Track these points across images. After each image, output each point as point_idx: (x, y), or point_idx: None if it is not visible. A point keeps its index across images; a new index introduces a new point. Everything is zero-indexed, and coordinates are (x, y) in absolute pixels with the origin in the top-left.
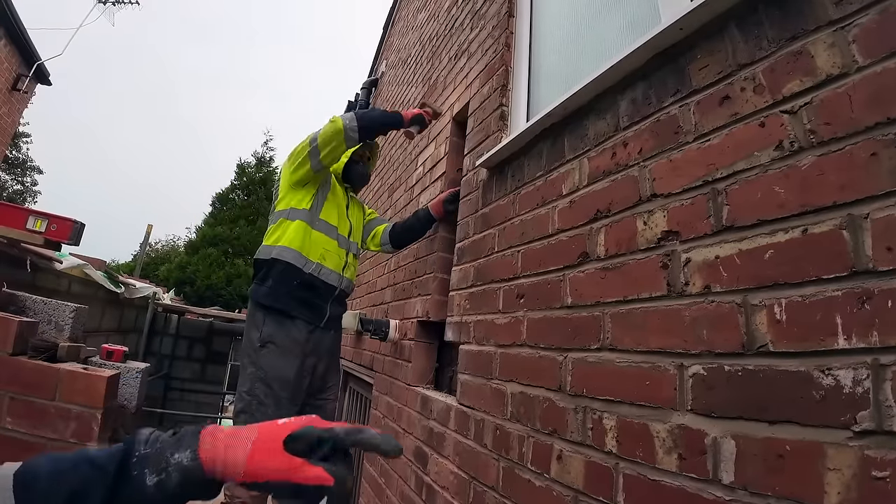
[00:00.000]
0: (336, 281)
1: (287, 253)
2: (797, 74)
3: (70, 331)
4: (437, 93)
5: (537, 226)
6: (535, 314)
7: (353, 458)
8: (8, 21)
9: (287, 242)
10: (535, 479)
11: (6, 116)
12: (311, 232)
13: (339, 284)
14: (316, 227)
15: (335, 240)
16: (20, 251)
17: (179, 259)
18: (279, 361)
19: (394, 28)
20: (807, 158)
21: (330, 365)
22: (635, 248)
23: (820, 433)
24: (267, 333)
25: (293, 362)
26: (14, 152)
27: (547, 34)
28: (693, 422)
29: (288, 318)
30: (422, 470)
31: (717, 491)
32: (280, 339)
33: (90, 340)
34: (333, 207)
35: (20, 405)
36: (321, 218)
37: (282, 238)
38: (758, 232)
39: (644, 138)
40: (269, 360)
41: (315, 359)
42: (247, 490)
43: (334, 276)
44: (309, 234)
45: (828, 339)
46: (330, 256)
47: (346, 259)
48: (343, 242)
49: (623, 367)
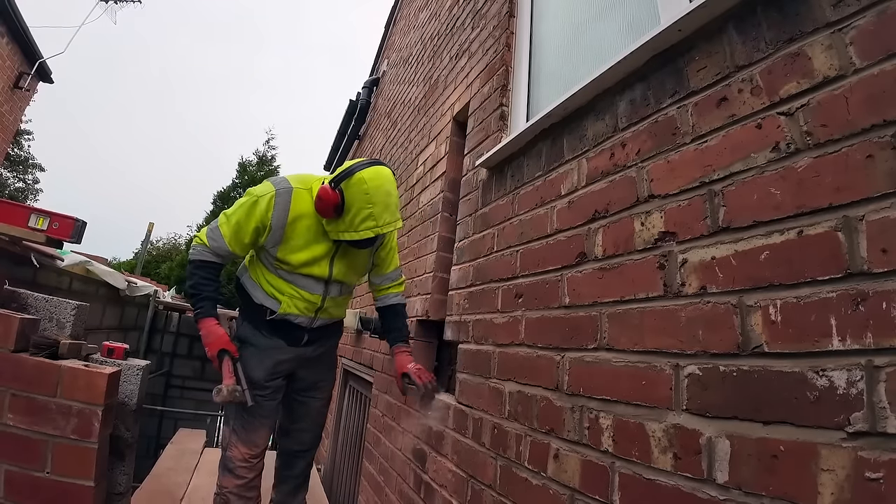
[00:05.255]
0: (306, 323)
1: (252, 288)
2: (794, 76)
3: (71, 328)
4: (437, 92)
5: (536, 226)
6: (534, 314)
7: (354, 457)
8: (10, 19)
9: (252, 276)
10: (532, 477)
11: (8, 114)
12: (271, 276)
13: (311, 325)
14: (275, 274)
15: (304, 288)
16: (22, 249)
17: (181, 257)
18: (250, 362)
19: (395, 27)
20: (803, 160)
21: (316, 369)
22: (632, 249)
23: (814, 434)
24: (243, 334)
25: (264, 365)
26: (16, 150)
27: (547, 34)
28: (688, 421)
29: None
30: (420, 468)
31: (712, 490)
32: (256, 341)
33: (91, 338)
34: (302, 259)
35: (21, 402)
36: (278, 267)
37: (250, 270)
38: (754, 233)
39: (642, 139)
40: (247, 360)
41: (294, 364)
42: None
43: (303, 319)
44: (269, 277)
45: (822, 340)
46: (296, 302)
47: (322, 304)
48: (317, 288)
49: (619, 367)
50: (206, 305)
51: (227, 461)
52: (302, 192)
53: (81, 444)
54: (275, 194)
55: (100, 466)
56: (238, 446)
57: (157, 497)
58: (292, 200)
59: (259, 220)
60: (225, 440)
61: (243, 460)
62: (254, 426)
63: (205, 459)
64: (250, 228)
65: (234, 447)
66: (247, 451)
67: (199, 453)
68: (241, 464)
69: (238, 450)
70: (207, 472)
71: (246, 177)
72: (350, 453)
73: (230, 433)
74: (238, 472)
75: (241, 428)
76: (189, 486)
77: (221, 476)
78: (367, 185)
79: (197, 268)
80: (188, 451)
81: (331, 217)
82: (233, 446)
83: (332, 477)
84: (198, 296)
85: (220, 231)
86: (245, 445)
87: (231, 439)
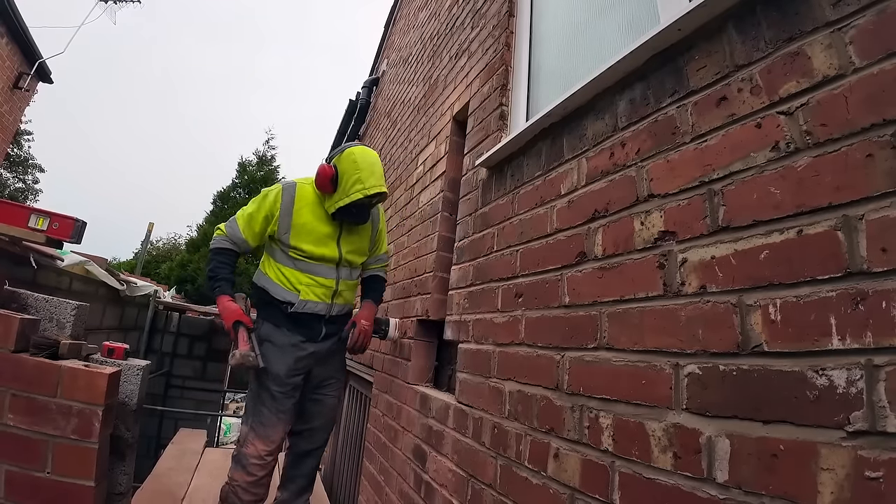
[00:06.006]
0: (325, 310)
1: (271, 286)
2: (794, 76)
3: (71, 328)
4: (437, 92)
5: (536, 225)
6: (534, 313)
7: (354, 456)
8: (9, 19)
9: (269, 274)
10: (532, 476)
11: (8, 114)
12: (288, 269)
13: (329, 312)
14: (292, 266)
15: (319, 274)
16: (22, 249)
17: (181, 257)
18: (271, 357)
19: (395, 27)
20: (803, 159)
21: (330, 365)
22: (632, 248)
23: (814, 433)
24: (264, 333)
25: (285, 360)
26: (16, 150)
27: (547, 34)
28: (688, 421)
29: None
30: (420, 468)
31: (712, 490)
32: (276, 338)
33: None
34: (312, 240)
35: (22, 402)
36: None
37: (266, 269)
38: (753, 232)
39: (642, 139)
40: (267, 354)
41: (311, 361)
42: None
43: (321, 307)
44: (285, 271)
45: (822, 339)
46: (313, 289)
47: (337, 287)
48: (330, 272)
49: (619, 367)
50: (222, 285)
51: (242, 457)
52: (305, 185)
53: (82, 445)
54: (282, 188)
55: (100, 466)
56: (255, 443)
57: (158, 497)
58: (297, 192)
59: (268, 209)
60: (242, 436)
61: (258, 457)
62: (272, 422)
63: (205, 459)
64: (261, 217)
65: (250, 444)
66: (263, 447)
67: (200, 453)
68: (254, 461)
69: (254, 446)
70: (208, 472)
71: (245, 177)
72: (350, 453)
73: (248, 430)
74: (250, 469)
75: (259, 423)
76: (190, 486)
77: (234, 470)
78: (354, 156)
79: (216, 254)
80: (189, 451)
81: (328, 191)
82: (249, 443)
83: (333, 477)
84: (215, 277)
85: (236, 222)
86: (262, 441)
87: (248, 436)
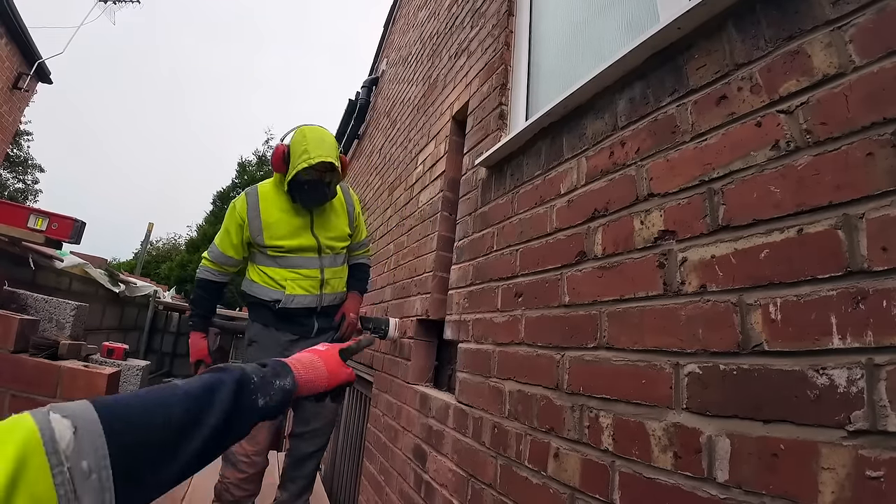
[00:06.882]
0: (314, 302)
1: (257, 289)
2: (794, 74)
3: (71, 329)
4: (436, 91)
5: (536, 225)
6: (533, 313)
7: (354, 456)
8: (9, 19)
9: (253, 278)
10: (532, 476)
11: (7, 115)
12: (270, 269)
13: (320, 303)
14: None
15: (301, 266)
16: (21, 249)
17: (180, 257)
18: (259, 357)
19: (394, 26)
20: (803, 158)
21: None
22: (632, 248)
23: (814, 432)
24: (253, 334)
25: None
26: (15, 151)
27: (546, 33)
28: (688, 420)
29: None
30: (421, 468)
31: (712, 489)
32: (262, 339)
33: (91, 338)
34: (285, 234)
35: (21, 402)
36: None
37: (251, 274)
38: (753, 231)
39: (641, 138)
40: (251, 357)
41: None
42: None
43: (310, 299)
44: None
45: (822, 338)
46: (299, 283)
47: (323, 276)
48: (312, 263)
49: (619, 366)
50: (195, 321)
51: (231, 455)
52: (265, 185)
53: None
54: (245, 194)
55: None
56: (241, 442)
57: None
58: (259, 193)
59: (238, 218)
60: None
61: (245, 455)
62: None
63: None
64: (234, 228)
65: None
66: (249, 447)
67: None
68: (243, 458)
69: (241, 446)
70: (208, 472)
71: (245, 176)
72: (350, 453)
73: None
74: (240, 467)
75: None
76: (190, 486)
77: (224, 468)
78: (303, 130)
79: (197, 286)
80: None
81: (282, 170)
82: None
83: (333, 477)
84: (193, 311)
85: (215, 244)
86: (247, 442)
87: None
